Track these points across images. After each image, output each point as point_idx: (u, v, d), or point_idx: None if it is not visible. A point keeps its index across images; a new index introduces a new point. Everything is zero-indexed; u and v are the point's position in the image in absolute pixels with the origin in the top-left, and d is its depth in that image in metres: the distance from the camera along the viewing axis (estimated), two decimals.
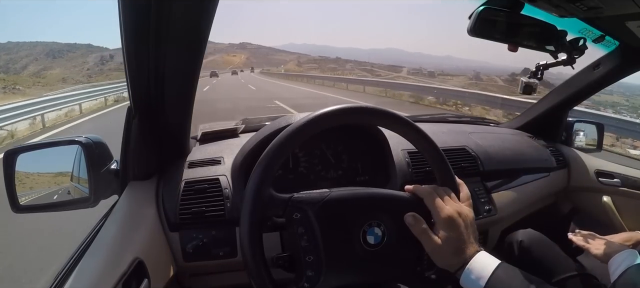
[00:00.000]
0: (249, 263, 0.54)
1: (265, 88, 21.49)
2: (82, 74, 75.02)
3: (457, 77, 67.30)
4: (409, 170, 0.96)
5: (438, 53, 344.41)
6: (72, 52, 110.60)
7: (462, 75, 73.48)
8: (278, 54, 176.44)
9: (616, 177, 1.25)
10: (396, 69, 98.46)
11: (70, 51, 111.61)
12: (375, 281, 0.60)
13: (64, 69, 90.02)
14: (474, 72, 73.61)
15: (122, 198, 0.76)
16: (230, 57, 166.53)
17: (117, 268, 0.56)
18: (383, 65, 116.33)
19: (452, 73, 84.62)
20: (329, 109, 0.59)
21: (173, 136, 0.84)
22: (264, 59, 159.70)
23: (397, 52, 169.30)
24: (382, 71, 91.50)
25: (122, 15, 0.54)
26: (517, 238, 1.01)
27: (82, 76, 64.99)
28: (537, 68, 1.00)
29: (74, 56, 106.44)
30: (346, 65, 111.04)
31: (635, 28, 0.84)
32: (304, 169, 0.91)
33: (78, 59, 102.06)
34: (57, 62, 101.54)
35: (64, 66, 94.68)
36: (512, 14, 0.76)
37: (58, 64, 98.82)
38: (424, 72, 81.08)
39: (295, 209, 0.56)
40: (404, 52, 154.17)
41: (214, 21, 0.58)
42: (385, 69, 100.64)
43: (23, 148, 0.71)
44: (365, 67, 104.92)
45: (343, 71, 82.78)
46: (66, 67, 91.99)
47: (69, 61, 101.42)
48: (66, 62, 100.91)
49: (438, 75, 74.08)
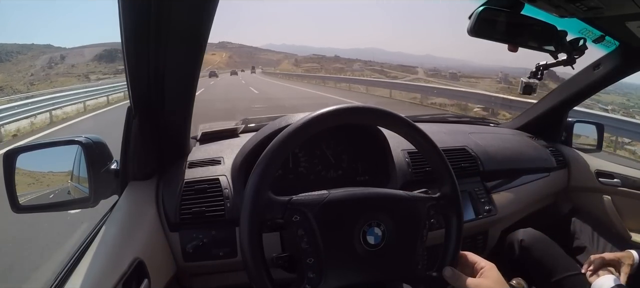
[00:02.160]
0: (249, 263, 0.54)
1: (271, 91, 17.50)
2: (23, 81, 58.12)
3: (484, 80, 55.88)
4: (409, 170, 0.96)
5: (418, 52, 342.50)
6: (22, 54, 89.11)
7: (488, 78, 60.98)
8: (262, 53, 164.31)
9: (616, 177, 1.25)
10: (409, 70, 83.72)
11: (21, 52, 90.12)
12: (376, 281, 0.60)
13: (7, 75, 70.41)
14: (502, 74, 63.08)
15: (122, 198, 0.76)
16: (209, 56, 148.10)
17: (117, 268, 0.57)
18: (392, 64, 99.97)
19: (475, 75, 71.98)
20: (328, 109, 0.59)
21: (173, 136, 0.84)
22: (249, 58, 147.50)
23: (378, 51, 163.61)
24: (393, 72, 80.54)
25: (122, 15, 0.54)
26: (517, 238, 1.01)
27: (22, 84, 52.53)
28: (537, 68, 1.00)
29: (23, 58, 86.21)
30: (354, 65, 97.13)
31: (635, 28, 0.84)
32: (304, 169, 0.91)
33: (26, 62, 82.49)
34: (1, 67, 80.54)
35: (8, 71, 74.97)
36: (512, 14, 0.76)
37: (2, 68, 78.41)
38: (444, 74, 67.57)
39: (294, 212, 0.56)
40: (385, 51, 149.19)
41: None
42: (396, 69, 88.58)
43: (23, 148, 0.71)
44: (374, 67, 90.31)
45: (352, 72, 69.62)
46: (10, 73, 73.42)
47: (16, 65, 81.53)
48: (12, 66, 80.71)
49: (461, 77, 61.76)
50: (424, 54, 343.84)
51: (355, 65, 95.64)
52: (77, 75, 65.67)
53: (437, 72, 73.26)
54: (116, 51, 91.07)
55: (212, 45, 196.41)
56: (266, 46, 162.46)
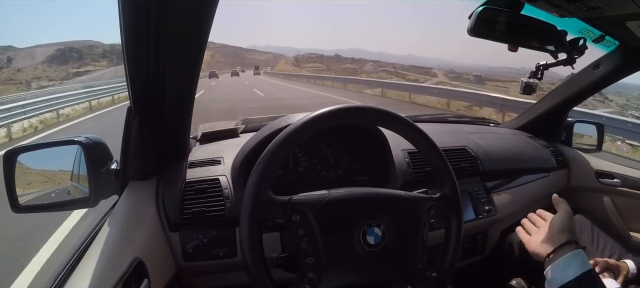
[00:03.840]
0: (249, 263, 0.54)
1: (280, 96, 14.63)
2: None
3: (510, 83, 47.13)
4: (409, 170, 0.96)
5: (400, 52, 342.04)
6: None
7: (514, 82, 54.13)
8: (248, 52, 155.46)
9: (616, 177, 1.25)
10: (426, 72, 72.11)
11: None
12: (375, 281, 0.60)
13: None
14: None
15: (122, 198, 0.76)
16: None
17: (117, 268, 0.56)
18: (404, 66, 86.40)
19: (500, 77, 62.79)
20: (328, 109, 0.59)
21: (173, 136, 0.84)
22: (236, 58, 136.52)
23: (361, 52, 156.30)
24: (407, 73, 69.71)
25: (122, 15, 0.54)
26: (517, 238, 1.01)
27: None
28: (537, 68, 1.00)
29: None
30: (365, 66, 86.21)
31: (635, 28, 0.84)
32: (304, 169, 0.91)
33: None
34: None
35: None
36: (512, 14, 0.76)
37: None
38: (467, 77, 58.32)
39: (294, 211, 0.56)
40: (367, 51, 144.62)
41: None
42: (409, 70, 76.51)
43: (23, 148, 0.71)
44: (386, 68, 79.13)
45: (367, 74, 60.09)
46: None
47: None
48: None
49: (486, 80, 53.89)
50: (406, 53, 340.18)
51: (366, 66, 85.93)
52: (18, 82, 55.61)
53: (459, 75, 63.40)
54: (71, 50, 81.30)
55: None
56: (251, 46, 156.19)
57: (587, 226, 1.12)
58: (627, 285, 0.85)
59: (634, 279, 0.86)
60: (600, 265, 0.88)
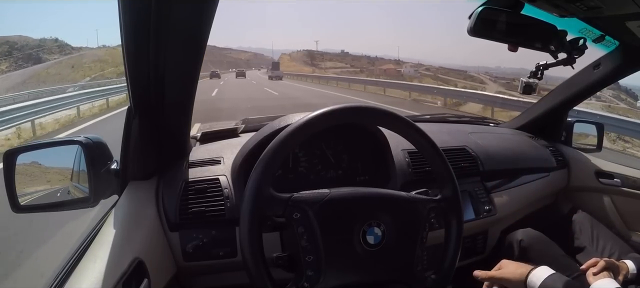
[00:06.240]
0: (249, 263, 0.54)
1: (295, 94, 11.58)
2: None
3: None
4: (409, 170, 0.96)
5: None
6: None
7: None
8: (233, 53, 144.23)
9: (616, 177, 1.25)
10: (472, 78, 55.69)
11: None
12: (375, 281, 0.60)
13: None
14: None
15: (122, 198, 0.76)
16: None
17: (117, 268, 0.57)
18: (442, 68, 68.69)
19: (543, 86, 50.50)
20: (328, 108, 0.59)
21: (173, 136, 0.84)
22: (222, 58, 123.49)
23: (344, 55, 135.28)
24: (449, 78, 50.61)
25: (122, 15, 0.54)
26: (517, 238, 1.01)
27: None
28: (537, 68, 1.00)
29: None
30: (403, 68, 66.02)
31: (635, 28, 0.84)
32: (304, 169, 0.91)
33: None
34: None
35: None
36: (512, 14, 0.76)
37: None
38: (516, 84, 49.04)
39: (295, 209, 0.56)
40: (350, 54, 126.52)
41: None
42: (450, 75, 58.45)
43: (23, 149, 0.71)
44: (427, 72, 61.22)
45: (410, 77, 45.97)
46: None
47: None
48: None
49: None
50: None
51: (404, 68, 65.55)
52: None
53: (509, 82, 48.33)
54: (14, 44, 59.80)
55: None
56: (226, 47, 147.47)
57: (587, 226, 1.12)
58: (627, 285, 0.85)
59: (634, 279, 0.86)
60: (599, 265, 0.88)
